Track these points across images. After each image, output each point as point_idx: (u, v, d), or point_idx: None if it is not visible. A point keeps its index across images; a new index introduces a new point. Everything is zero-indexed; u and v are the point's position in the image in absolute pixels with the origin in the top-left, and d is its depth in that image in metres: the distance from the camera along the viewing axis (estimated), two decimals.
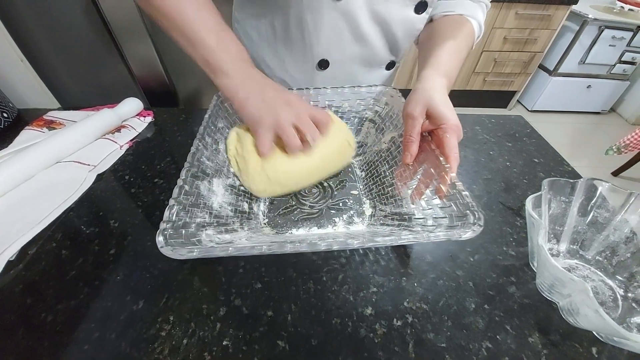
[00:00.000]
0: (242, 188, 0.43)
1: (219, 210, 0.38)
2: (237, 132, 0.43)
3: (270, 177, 0.39)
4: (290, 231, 0.41)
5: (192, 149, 0.37)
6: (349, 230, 0.41)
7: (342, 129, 0.45)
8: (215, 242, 0.32)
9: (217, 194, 0.39)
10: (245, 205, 0.42)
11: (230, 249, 0.28)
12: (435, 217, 0.35)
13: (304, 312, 0.33)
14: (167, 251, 0.27)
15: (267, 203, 0.45)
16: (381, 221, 0.41)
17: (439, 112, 0.36)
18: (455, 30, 0.47)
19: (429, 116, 0.37)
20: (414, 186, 0.39)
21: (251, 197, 0.43)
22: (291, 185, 0.42)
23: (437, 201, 0.35)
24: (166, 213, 0.30)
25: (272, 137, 0.38)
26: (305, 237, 0.40)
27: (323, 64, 0.56)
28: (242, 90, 0.38)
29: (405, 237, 0.29)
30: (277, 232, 0.41)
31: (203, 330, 0.31)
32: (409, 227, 0.37)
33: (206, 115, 0.43)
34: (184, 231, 0.30)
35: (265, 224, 0.42)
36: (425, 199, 0.37)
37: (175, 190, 0.32)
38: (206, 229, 0.34)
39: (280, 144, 0.39)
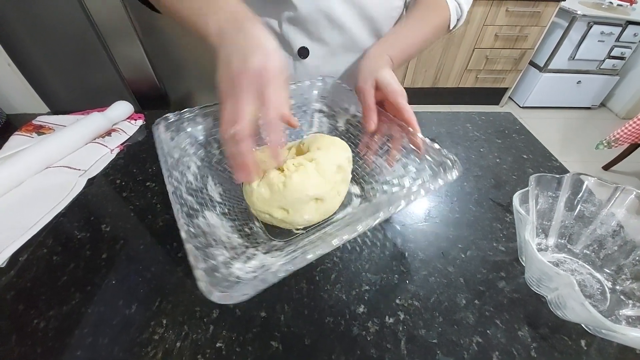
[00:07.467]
0: (233, 212, 0.39)
1: (229, 241, 0.34)
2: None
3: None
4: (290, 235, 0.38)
5: (170, 189, 0.31)
6: (342, 213, 0.41)
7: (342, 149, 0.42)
8: (251, 272, 0.28)
9: (217, 227, 0.35)
10: (247, 228, 0.38)
11: (281, 272, 0.24)
12: (415, 179, 0.37)
13: (297, 312, 0.33)
14: (225, 298, 0.22)
15: None
16: (369, 200, 0.42)
17: (386, 81, 0.40)
18: (422, 11, 0.50)
19: (377, 87, 0.41)
20: (386, 157, 0.42)
21: (245, 218, 0.40)
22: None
23: (411, 167, 0.38)
24: (191, 260, 0.25)
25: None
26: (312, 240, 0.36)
27: (303, 53, 0.55)
28: (221, 48, 0.30)
29: (395, 207, 0.30)
30: (281, 240, 0.38)
31: (196, 333, 0.31)
32: (394, 198, 0.38)
33: (158, 153, 0.35)
34: (219, 274, 0.26)
35: (269, 237, 0.39)
36: (401, 162, 0.40)
37: (183, 235, 0.27)
38: (232, 265, 0.29)
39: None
